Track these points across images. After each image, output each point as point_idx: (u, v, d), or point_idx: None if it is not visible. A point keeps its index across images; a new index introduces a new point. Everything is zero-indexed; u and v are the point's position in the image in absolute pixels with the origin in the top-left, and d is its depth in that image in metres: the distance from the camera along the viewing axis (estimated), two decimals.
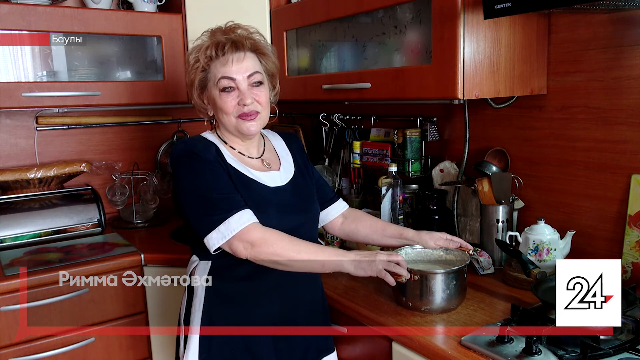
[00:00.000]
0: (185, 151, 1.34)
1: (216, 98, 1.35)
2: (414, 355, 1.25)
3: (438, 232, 1.48)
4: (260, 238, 1.24)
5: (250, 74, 1.35)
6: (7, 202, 2.15)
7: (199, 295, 1.35)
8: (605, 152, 1.52)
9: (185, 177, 1.32)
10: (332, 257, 1.27)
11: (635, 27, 1.42)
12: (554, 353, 1.09)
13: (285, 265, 1.26)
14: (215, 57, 1.34)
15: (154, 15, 2.20)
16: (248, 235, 1.24)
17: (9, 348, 1.73)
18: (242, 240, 1.24)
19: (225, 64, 1.33)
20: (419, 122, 2.01)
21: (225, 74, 1.33)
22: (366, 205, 2.23)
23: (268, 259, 1.25)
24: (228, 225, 1.24)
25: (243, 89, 1.34)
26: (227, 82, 1.33)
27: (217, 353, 1.34)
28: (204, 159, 1.31)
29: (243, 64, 1.34)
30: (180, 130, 2.63)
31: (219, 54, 1.33)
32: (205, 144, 1.36)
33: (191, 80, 1.39)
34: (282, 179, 1.42)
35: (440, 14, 1.47)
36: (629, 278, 1.46)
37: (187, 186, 1.32)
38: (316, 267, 1.28)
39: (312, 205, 1.47)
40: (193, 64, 1.37)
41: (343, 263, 1.26)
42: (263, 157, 1.45)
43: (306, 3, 2.02)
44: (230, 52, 1.33)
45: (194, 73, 1.38)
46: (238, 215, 1.25)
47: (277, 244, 1.25)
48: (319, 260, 1.27)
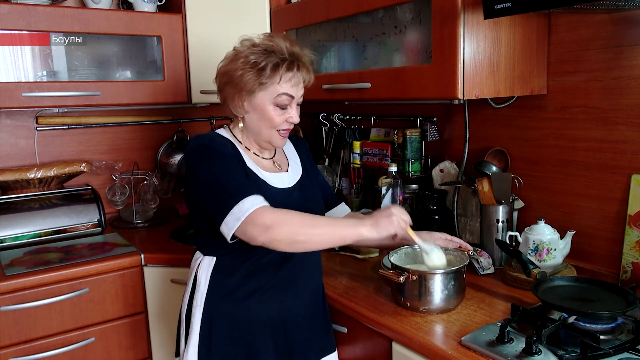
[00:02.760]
0: (202, 145, 1.33)
1: (266, 110, 1.34)
2: (414, 355, 1.25)
3: (438, 232, 1.48)
4: (274, 218, 1.21)
5: (301, 94, 1.38)
6: (7, 202, 2.15)
7: (202, 290, 1.35)
8: (605, 152, 1.52)
9: (201, 167, 1.31)
10: (350, 227, 1.25)
11: (635, 27, 1.42)
12: (554, 353, 1.09)
13: (304, 242, 1.23)
14: (285, 71, 1.32)
15: (154, 15, 2.20)
16: (261, 217, 1.20)
17: (9, 348, 1.73)
18: (256, 224, 1.20)
19: (292, 82, 1.33)
20: (419, 122, 2.01)
21: (289, 91, 1.33)
22: (366, 205, 2.23)
23: (286, 239, 1.21)
24: (241, 206, 1.21)
25: (294, 107, 1.37)
26: (288, 101, 1.34)
27: (217, 349, 1.34)
28: (220, 152, 1.31)
29: (301, 85, 1.36)
30: (180, 130, 2.63)
31: (288, 69, 1.32)
32: (222, 140, 1.36)
33: (242, 81, 1.31)
34: (290, 181, 1.43)
35: (440, 14, 1.47)
36: (629, 278, 1.46)
37: (202, 175, 1.30)
38: (335, 241, 1.26)
39: (318, 206, 1.48)
40: (253, 67, 1.30)
41: (361, 231, 1.24)
42: (274, 158, 1.47)
43: (306, 3, 2.02)
44: (297, 70, 1.34)
45: (250, 75, 1.31)
46: (252, 198, 1.23)
47: (293, 222, 1.22)
48: (337, 233, 1.25)
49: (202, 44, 2.22)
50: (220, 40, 1.39)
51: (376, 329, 1.36)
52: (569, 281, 1.35)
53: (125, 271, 1.92)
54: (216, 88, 1.42)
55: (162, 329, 1.99)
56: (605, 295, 1.27)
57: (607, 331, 1.17)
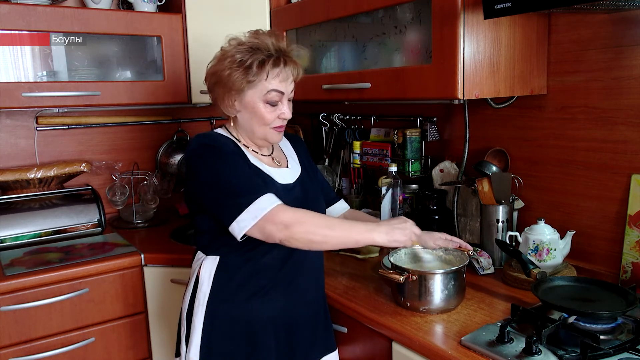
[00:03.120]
0: (204, 144, 1.33)
1: (257, 107, 1.34)
2: (414, 355, 1.25)
3: (438, 232, 1.48)
4: (292, 218, 1.22)
5: (292, 90, 1.37)
6: (7, 202, 2.15)
7: (204, 290, 1.35)
8: (605, 152, 1.52)
9: (204, 167, 1.30)
10: (364, 232, 1.26)
11: (635, 27, 1.42)
12: (554, 353, 1.09)
13: (320, 242, 1.25)
14: (271, 68, 1.31)
15: (154, 15, 2.20)
16: (279, 216, 1.22)
17: (9, 348, 1.73)
18: (275, 222, 1.21)
19: (279, 78, 1.32)
20: (419, 122, 2.01)
21: (277, 87, 1.32)
22: (366, 205, 2.23)
23: (303, 238, 1.23)
24: (258, 204, 1.22)
25: (286, 103, 1.36)
26: (278, 97, 1.33)
27: (218, 349, 1.34)
28: (223, 150, 1.31)
29: (290, 80, 1.35)
30: (180, 130, 2.63)
31: (275, 65, 1.31)
32: (224, 139, 1.37)
33: (230, 80, 1.31)
34: (291, 177, 1.43)
35: (440, 14, 1.47)
36: (629, 278, 1.46)
37: (206, 175, 1.29)
38: (349, 244, 1.27)
39: (319, 203, 1.48)
40: (240, 66, 1.30)
41: (374, 237, 1.26)
42: (273, 155, 1.47)
43: (306, 3, 2.02)
44: (284, 65, 1.32)
45: (237, 74, 1.30)
46: (267, 196, 1.24)
47: (310, 222, 1.24)
48: (352, 237, 1.26)
49: (202, 44, 2.22)
50: (220, 40, 1.38)
51: (376, 329, 1.36)
52: (569, 281, 1.35)
53: (125, 271, 1.92)
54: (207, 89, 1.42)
55: (162, 329, 1.99)
56: (605, 295, 1.27)
57: (607, 331, 1.17)
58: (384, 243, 1.26)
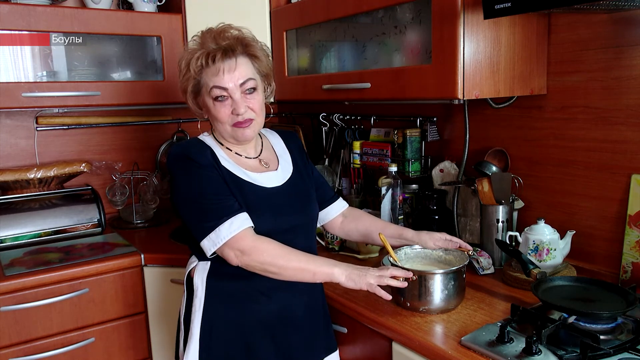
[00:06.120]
0: (179, 155, 1.34)
1: (210, 107, 1.34)
2: (414, 355, 1.25)
3: (437, 233, 1.48)
4: (251, 246, 1.26)
5: (242, 82, 1.32)
6: (7, 202, 2.15)
7: (199, 295, 1.35)
8: (605, 152, 1.52)
9: (180, 181, 1.33)
10: (323, 267, 1.28)
11: (635, 27, 1.42)
12: (554, 353, 1.09)
13: (276, 273, 1.28)
14: (206, 66, 1.31)
15: (154, 15, 2.20)
16: (239, 243, 1.25)
17: (9, 348, 1.73)
18: (233, 248, 1.26)
19: (217, 74, 1.30)
20: (419, 122, 2.01)
21: (217, 83, 1.31)
22: (366, 205, 2.23)
23: (259, 267, 1.27)
24: (219, 232, 1.26)
25: (236, 98, 1.32)
26: (220, 92, 1.31)
27: (217, 352, 1.34)
28: (198, 163, 1.31)
29: (235, 73, 1.31)
30: (180, 130, 2.63)
31: (209, 62, 1.30)
32: (201, 147, 1.36)
33: (184, 87, 1.38)
34: (279, 179, 1.42)
35: (440, 14, 1.47)
36: (629, 278, 1.46)
37: (182, 191, 1.33)
38: (307, 277, 1.29)
39: (309, 205, 1.46)
40: (185, 72, 1.36)
41: (334, 273, 1.27)
42: (261, 156, 1.45)
43: (306, 3, 2.02)
44: (221, 60, 1.30)
45: (186, 81, 1.36)
46: (229, 223, 1.26)
47: (268, 252, 1.26)
48: (309, 270, 1.27)
49: None
50: None
51: (376, 329, 1.36)
52: (569, 281, 1.35)
53: (125, 271, 1.92)
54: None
55: (162, 329, 1.99)
56: (605, 295, 1.27)
57: (607, 331, 1.17)
58: (342, 283, 1.27)
